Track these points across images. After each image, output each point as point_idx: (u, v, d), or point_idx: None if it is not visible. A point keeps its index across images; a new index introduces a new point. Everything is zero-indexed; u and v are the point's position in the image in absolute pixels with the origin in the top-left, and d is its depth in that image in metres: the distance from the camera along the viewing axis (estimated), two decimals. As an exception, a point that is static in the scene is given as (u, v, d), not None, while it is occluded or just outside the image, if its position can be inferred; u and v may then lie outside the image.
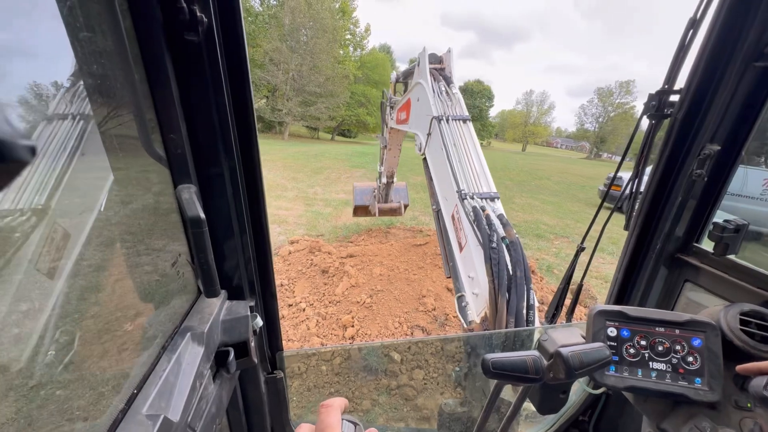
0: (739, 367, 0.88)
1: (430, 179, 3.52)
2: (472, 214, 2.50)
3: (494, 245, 2.21)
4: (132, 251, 0.77)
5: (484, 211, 2.49)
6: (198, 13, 0.70)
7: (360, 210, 7.67)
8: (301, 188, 11.69)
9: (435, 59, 4.34)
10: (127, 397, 0.63)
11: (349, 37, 38.39)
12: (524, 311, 2.04)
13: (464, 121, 3.42)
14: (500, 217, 2.50)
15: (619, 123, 67.88)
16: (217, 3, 0.75)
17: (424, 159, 3.69)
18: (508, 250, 2.24)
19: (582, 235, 1.74)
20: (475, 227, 2.42)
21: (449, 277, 3.12)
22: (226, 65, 0.81)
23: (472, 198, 2.70)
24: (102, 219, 0.69)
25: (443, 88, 3.87)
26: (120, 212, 0.72)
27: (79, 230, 0.63)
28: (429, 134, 3.48)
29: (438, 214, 3.34)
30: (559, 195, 15.38)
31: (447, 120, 3.36)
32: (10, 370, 0.47)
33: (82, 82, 0.60)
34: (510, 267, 2.17)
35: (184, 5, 0.67)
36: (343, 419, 0.51)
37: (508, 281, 2.11)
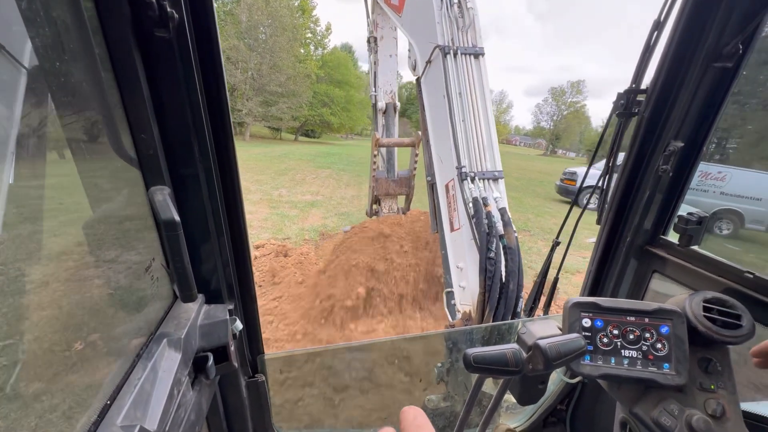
0: (754, 350, 0.91)
1: (423, 110, 2.89)
2: (471, 206, 2.18)
3: (492, 254, 2.01)
4: (103, 256, 0.74)
5: (486, 206, 2.16)
6: (168, 9, 0.67)
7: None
8: (265, 190, 11.47)
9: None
10: (100, 408, 0.60)
11: (309, 35, 37.69)
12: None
13: (476, 56, 2.59)
14: (502, 212, 2.21)
15: (572, 121, 70.79)
16: None
17: (418, 81, 2.95)
18: (505, 256, 2.06)
19: (543, 230, 1.77)
20: (474, 225, 2.14)
21: (436, 233, 2.84)
22: (199, 62, 0.78)
23: (473, 180, 2.29)
24: (70, 223, 0.65)
25: (455, -3, 2.68)
26: (89, 216, 0.69)
27: (47, 234, 0.60)
28: (429, 62, 2.72)
29: (432, 188, 2.89)
30: (520, 191, 16.09)
31: (455, 54, 2.55)
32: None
33: (45, 81, 0.57)
34: (504, 276, 2.03)
35: (153, 0, 0.65)
36: None
37: (500, 292, 2.00)
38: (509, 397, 1.00)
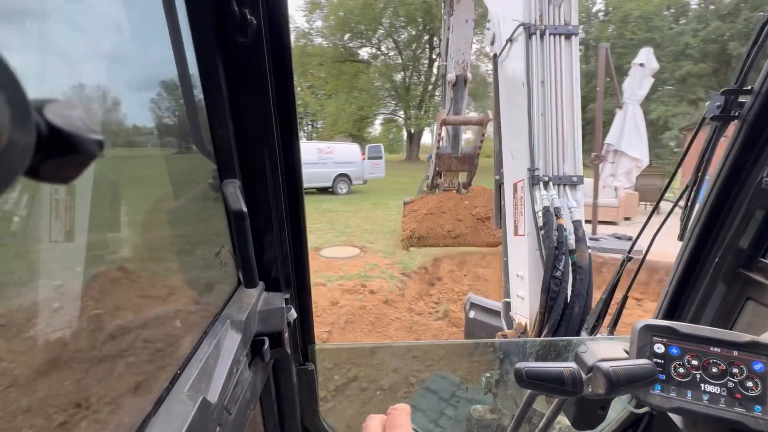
0: None
1: (497, 94, 2.65)
2: (541, 216, 1.93)
3: (558, 273, 1.80)
4: (181, 241, 0.82)
5: (558, 218, 1.91)
6: (248, 16, 0.73)
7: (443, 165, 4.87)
8: None
9: None
10: (171, 376, 0.67)
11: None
12: None
13: (567, 36, 2.12)
14: (576, 225, 1.93)
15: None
16: (266, 5, 0.77)
17: (495, 59, 2.62)
18: (573, 274, 1.84)
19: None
20: (541, 237, 1.91)
21: (499, 227, 2.71)
22: (272, 65, 0.84)
23: (546, 185, 2.00)
24: (155, 209, 0.74)
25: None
26: (171, 204, 0.77)
27: (135, 219, 0.68)
28: (510, 41, 2.32)
29: (500, 188, 2.65)
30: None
31: (541, 34, 2.09)
32: (73, 344, 0.51)
33: (143, 81, 0.65)
34: (569, 296, 1.83)
35: (236, 9, 0.71)
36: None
37: (561, 314, 1.82)
38: (563, 419, 0.93)
